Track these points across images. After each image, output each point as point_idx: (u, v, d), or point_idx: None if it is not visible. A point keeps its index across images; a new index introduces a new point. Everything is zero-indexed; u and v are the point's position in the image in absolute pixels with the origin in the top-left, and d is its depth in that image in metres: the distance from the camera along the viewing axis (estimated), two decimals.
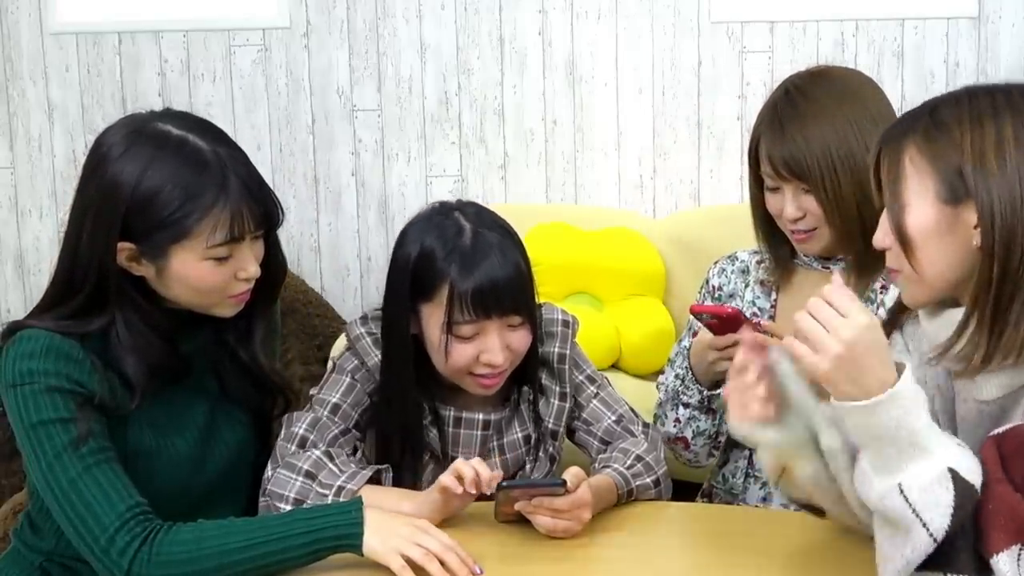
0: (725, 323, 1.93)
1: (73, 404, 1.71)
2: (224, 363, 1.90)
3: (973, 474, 1.41)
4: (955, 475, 1.40)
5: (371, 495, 1.80)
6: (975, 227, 1.49)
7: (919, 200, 1.53)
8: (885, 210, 1.59)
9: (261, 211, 1.78)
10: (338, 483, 1.81)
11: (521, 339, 1.87)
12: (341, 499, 1.79)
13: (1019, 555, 1.37)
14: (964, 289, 1.53)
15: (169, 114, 1.81)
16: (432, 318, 1.85)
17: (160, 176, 1.72)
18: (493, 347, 1.83)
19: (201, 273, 1.75)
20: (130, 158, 1.73)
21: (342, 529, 1.68)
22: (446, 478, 1.75)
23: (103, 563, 1.68)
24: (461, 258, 1.81)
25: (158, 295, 1.79)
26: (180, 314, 1.82)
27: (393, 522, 1.69)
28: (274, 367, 1.97)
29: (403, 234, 1.90)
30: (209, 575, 1.67)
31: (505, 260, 1.82)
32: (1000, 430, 1.47)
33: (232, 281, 1.78)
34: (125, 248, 1.74)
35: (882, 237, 1.59)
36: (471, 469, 1.74)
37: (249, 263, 1.78)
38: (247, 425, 1.93)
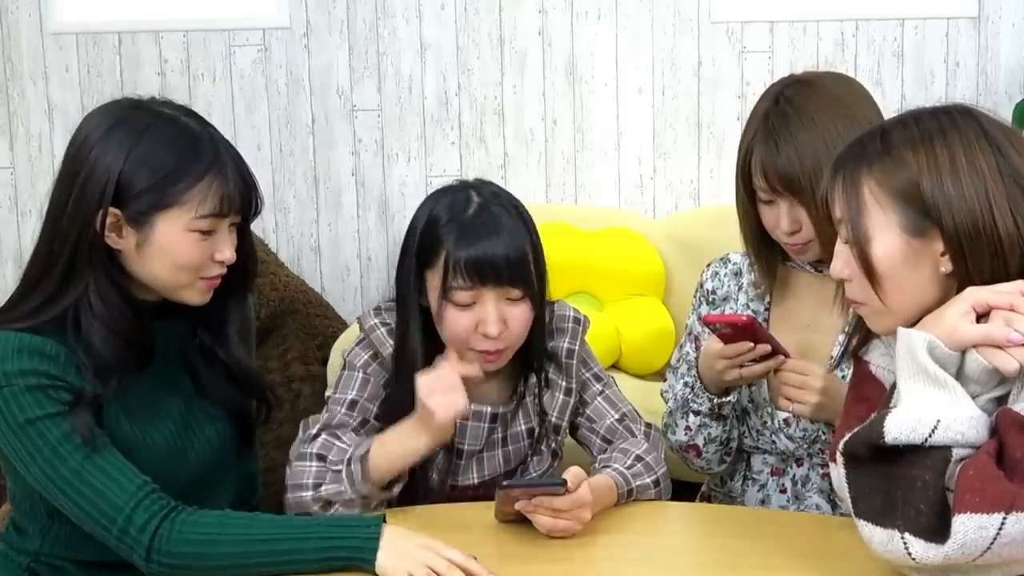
0: (738, 332, 1.92)
1: (57, 398, 1.70)
2: (197, 361, 1.89)
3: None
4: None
5: (381, 439, 1.83)
6: (942, 254, 1.53)
7: (883, 232, 1.56)
8: (842, 241, 1.61)
9: (247, 195, 1.80)
10: (347, 456, 1.83)
11: (521, 314, 1.87)
12: (352, 467, 1.80)
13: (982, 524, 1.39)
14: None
15: (157, 100, 1.83)
16: (433, 283, 1.87)
17: (154, 143, 1.74)
18: (489, 317, 1.84)
19: (183, 246, 1.75)
20: (123, 128, 1.75)
21: (358, 542, 1.68)
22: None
23: (124, 543, 1.68)
24: (460, 226, 1.84)
25: (129, 280, 1.79)
26: (146, 306, 1.81)
27: (407, 543, 1.68)
28: (252, 365, 1.96)
29: (420, 206, 1.93)
30: (222, 560, 1.67)
31: (505, 232, 1.84)
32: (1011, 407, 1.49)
33: (208, 262, 1.78)
34: (112, 213, 1.74)
35: (841, 268, 1.62)
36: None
37: (226, 245, 1.79)
38: (224, 419, 1.93)
